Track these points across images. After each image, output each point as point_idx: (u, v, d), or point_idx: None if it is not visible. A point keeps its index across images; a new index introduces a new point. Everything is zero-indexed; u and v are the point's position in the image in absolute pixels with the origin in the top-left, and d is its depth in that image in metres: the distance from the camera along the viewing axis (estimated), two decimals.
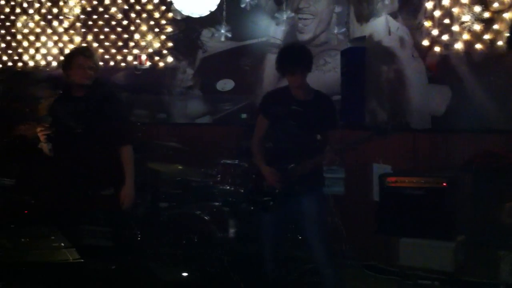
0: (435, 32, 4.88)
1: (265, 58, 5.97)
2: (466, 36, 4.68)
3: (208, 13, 5.28)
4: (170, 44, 6.35)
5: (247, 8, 5.96)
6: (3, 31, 7.04)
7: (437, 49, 4.89)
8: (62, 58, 6.70)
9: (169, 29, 6.35)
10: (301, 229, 3.93)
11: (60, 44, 6.75)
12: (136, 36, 6.43)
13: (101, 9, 6.57)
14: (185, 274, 4.45)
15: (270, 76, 5.97)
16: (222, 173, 4.84)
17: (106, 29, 6.56)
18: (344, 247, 4.93)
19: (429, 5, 4.93)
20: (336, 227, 5.00)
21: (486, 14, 4.58)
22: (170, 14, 6.32)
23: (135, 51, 6.43)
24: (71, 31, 6.70)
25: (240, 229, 4.64)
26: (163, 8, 6.34)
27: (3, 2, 7.02)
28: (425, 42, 4.94)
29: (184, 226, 4.58)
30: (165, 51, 6.36)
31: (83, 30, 6.66)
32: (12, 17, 7.00)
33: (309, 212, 3.77)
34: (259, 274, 4.14)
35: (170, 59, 6.34)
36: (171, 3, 5.91)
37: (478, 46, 4.63)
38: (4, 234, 2.99)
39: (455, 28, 4.75)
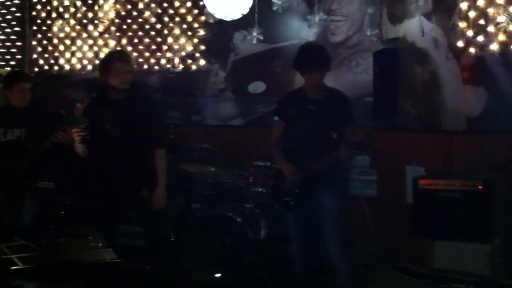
0: (469, 33, 4.81)
1: None
2: (501, 37, 4.60)
3: (240, 16, 5.32)
4: (202, 47, 6.40)
5: (279, 10, 5.98)
6: (39, 35, 7.20)
7: (472, 50, 4.82)
8: (97, 61, 6.83)
9: (201, 32, 6.41)
10: (317, 226, 3.95)
11: (95, 48, 6.87)
12: (169, 40, 6.51)
13: (135, 13, 6.67)
14: (217, 275, 4.48)
15: (301, 78, 5.93)
16: (254, 175, 4.87)
17: (140, 33, 6.65)
18: (377, 250, 4.90)
19: (463, 5, 4.86)
20: (369, 229, 4.97)
21: None
22: (203, 18, 6.37)
23: (168, 54, 6.50)
24: (106, 35, 6.82)
25: (272, 230, 4.66)
26: (196, 11, 6.40)
27: (39, 7, 7.19)
28: (460, 43, 4.88)
29: (217, 227, 4.62)
30: (197, 54, 6.42)
31: (117, 34, 6.77)
32: (49, 22, 7.15)
33: (324, 209, 3.83)
34: (291, 275, 4.16)
35: (202, 62, 6.40)
36: (203, 6, 5.96)
37: None
38: (43, 234, 3.05)
39: (490, 29, 4.68)
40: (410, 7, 5.26)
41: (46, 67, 7.17)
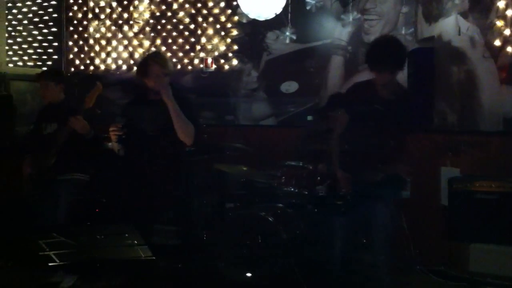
0: (507, 32, 4.73)
1: (330, 60, 5.94)
2: None
3: (273, 15, 5.32)
4: (235, 47, 6.43)
5: (312, 10, 5.96)
6: (76, 36, 7.33)
7: (509, 49, 4.74)
8: (132, 62, 6.94)
9: (234, 32, 6.43)
10: (368, 233, 3.85)
11: (130, 48, 6.96)
12: (203, 40, 6.55)
13: (169, 14, 6.74)
14: (249, 274, 4.49)
15: (334, 78, 5.94)
16: (286, 175, 4.86)
17: (174, 33, 6.72)
18: (411, 252, 4.84)
19: (501, 4, 4.78)
20: (403, 231, 4.92)
21: None
22: (236, 18, 6.40)
23: (202, 54, 6.55)
24: (141, 36, 6.91)
25: (305, 231, 4.64)
26: (229, 11, 6.43)
27: (76, 8, 7.32)
28: (497, 42, 4.80)
29: (249, 227, 4.62)
30: (230, 54, 6.45)
31: (152, 34, 6.85)
32: (85, 22, 7.28)
33: (375, 222, 3.67)
34: (323, 277, 4.14)
35: (235, 62, 6.42)
36: (237, 6, 5.98)
37: None
38: (80, 231, 3.11)
39: None
40: (446, 6, 5.18)
41: (82, 67, 7.30)
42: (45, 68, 7.14)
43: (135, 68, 6.87)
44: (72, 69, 7.34)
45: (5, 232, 4.65)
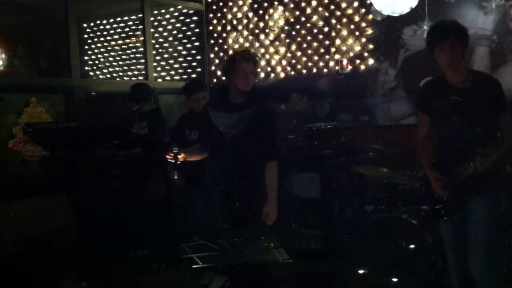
0: None
1: (474, 51, 5.58)
2: None
3: (409, 10, 5.12)
4: (370, 46, 6.30)
5: (451, 0, 5.65)
6: (216, 48, 7.66)
7: None
8: (269, 69, 7.08)
9: (369, 31, 6.30)
10: (468, 238, 3.31)
11: (267, 56, 7.11)
12: (337, 42, 6.50)
13: (303, 19, 6.79)
14: (395, 279, 4.35)
15: (480, 70, 5.57)
16: None
17: (309, 38, 6.75)
18: None
19: None
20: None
21: None
22: (370, 16, 6.27)
23: (337, 56, 6.50)
24: (276, 43, 7.04)
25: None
26: (363, 10, 6.32)
27: (215, 21, 7.65)
28: None
29: (392, 231, 4.48)
30: (366, 54, 6.33)
31: (287, 40, 6.94)
32: (224, 35, 7.58)
33: (476, 219, 3.22)
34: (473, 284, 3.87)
35: (371, 61, 6.29)
36: (370, 4, 5.85)
37: None
38: (219, 234, 3.21)
39: None
40: None
41: (224, 78, 7.56)
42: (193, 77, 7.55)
43: (272, 75, 7.02)
44: (214, 80, 7.66)
45: (157, 237, 4.97)
